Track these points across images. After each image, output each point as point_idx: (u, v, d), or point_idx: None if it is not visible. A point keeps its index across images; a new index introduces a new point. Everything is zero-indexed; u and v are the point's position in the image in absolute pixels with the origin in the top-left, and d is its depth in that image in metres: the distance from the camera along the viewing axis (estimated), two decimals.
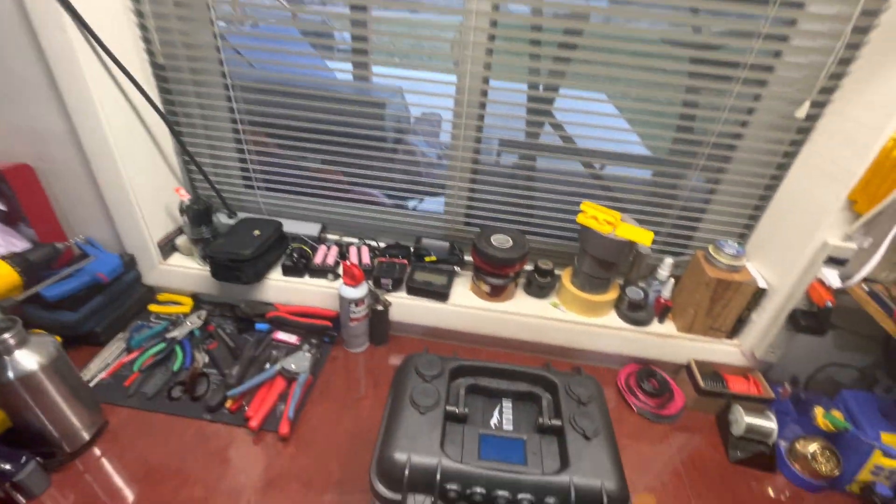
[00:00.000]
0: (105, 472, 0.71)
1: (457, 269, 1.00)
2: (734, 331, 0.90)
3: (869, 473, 0.74)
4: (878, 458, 0.72)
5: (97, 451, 0.74)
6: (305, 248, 1.00)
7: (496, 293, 0.95)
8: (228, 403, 0.81)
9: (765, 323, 0.84)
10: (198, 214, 0.94)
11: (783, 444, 0.81)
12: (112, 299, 0.92)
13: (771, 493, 0.77)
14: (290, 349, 0.93)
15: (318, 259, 0.99)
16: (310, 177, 1.04)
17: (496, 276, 0.92)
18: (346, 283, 0.87)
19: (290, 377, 0.84)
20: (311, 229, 1.05)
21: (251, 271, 0.92)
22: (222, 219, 1.06)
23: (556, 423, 0.51)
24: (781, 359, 0.87)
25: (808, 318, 0.77)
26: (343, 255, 1.01)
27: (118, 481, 0.70)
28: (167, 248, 1.00)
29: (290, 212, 1.09)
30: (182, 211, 0.92)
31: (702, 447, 0.83)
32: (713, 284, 0.83)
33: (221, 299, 1.01)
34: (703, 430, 0.86)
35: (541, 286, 0.97)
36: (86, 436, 0.73)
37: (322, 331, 0.95)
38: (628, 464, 0.77)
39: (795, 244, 0.78)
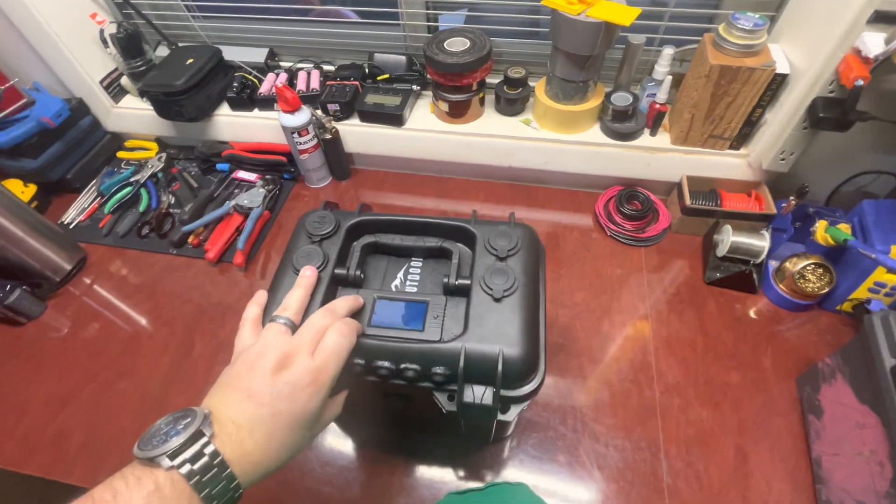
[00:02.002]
0: (95, 293, 0.79)
1: (415, 87, 0.87)
2: (741, 138, 0.74)
3: (867, 291, 0.64)
4: (880, 274, 0.61)
5: (86, 280, 0.81)
6: (250, 76, 0.90)
7: (457, 112, 0.83)
8: (191, 239, 0.83)
9: (780, 122, 0.67)
10: (125, 44, 0.85)
11: (773, 265, 0.71)
12: (72, 146, 0.92)
13: (743, 311, 0.70)
14: (250, 187, 0.91)
15: (264, 88, 0.90)
16: None
17: (454, 89, 0.79)
18: (282, 110, 0.79)
19: (245, 212, 0.84)
20: (257, 56, 0.94)
21: (191, 105, 0.85)
22: (161, 52, 0.96)
23: (465, 282, 0.42)
24: (796, 167, 0.72)
25: (830, 108, 0.59)
26: (292, 82, 0.91)
27: (110, 298, 0.78)
28: (114, 89, 0.95)
29: (236, 38, 0.96)
30: (104, 41, 0.84)
31: (676, 269, 0.76)
32: (715, 74, 0.65)
33: (183, 142, 0.98)
34: (684, 253, 0.78)
35: (510, 100, 0.82)
36: (67, 266, 0.80)
37: (278, 167, 0.91)
38: (587, 287, 0.74)
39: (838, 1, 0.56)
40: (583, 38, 0.67)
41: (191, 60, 0.86)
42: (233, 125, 0.92)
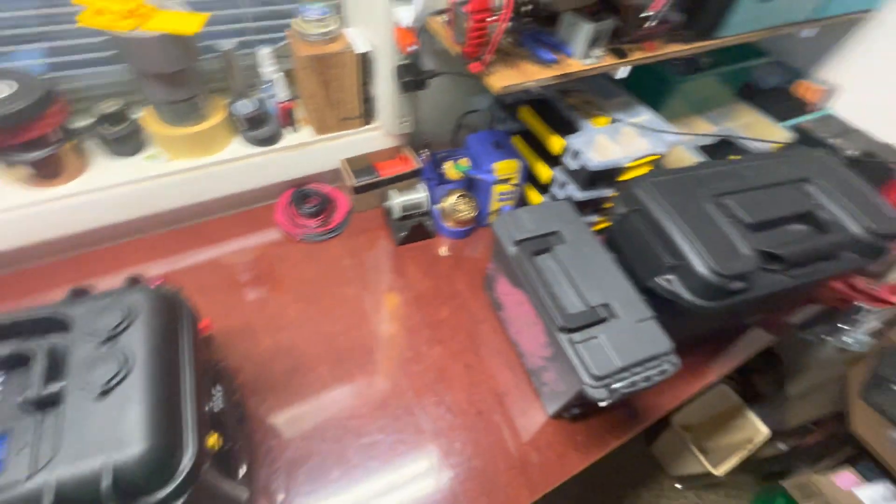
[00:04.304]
0: None
1: None
2: (367, 114, 0.82)
3: (498, 202, 0.82)
4: (500, 187, 0.79)
5: None
6: None
7: (49, 172, 0.65)
8: None
9: (385, 93, 0.77)
10: None
11: (436, 209, 0.84)
12: None
13: (433, 255, 0.81)
14: None
15: None
16: None
17: (25, 146, 0.61)
18: None
19: None
20: None
21: None
22: None
23: (56, 387, 0.33)
24: (421, 125, 0.84)
25: (407, 72, 0.70)
26: None
27: None
28: None
29: None
30: None
31: (372, 244, 0.81)
32: (311, 64, 0.69)
33: None
34: (373, 227, 0.83)
35: (120, 139, 0.69)
36: None
37: None
38: (298, 299, 0.71)
39: None
40: (159, 55, 0.60)
41: None
42: None
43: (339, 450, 0.58)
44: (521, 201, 0.86)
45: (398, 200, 0.79)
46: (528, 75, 0.61)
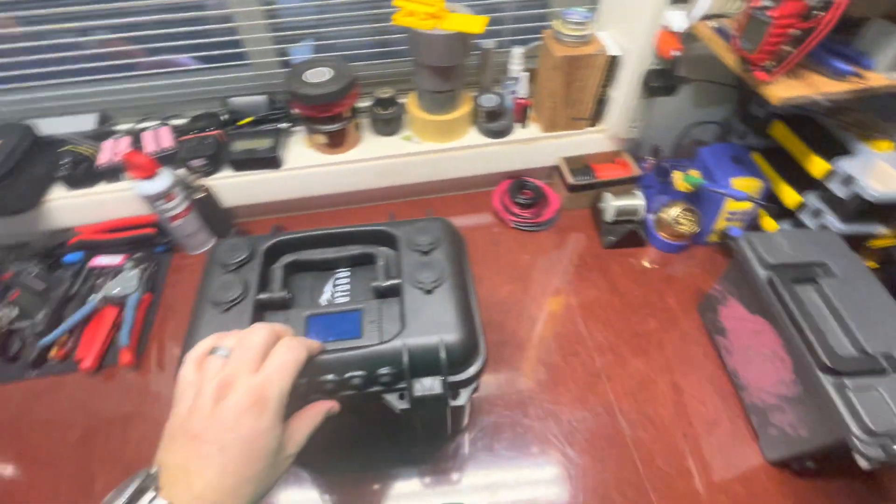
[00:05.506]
0: None
1: (282, 126, 0.82)
2: (596, 116, 0.83)
3: (725, 220, 0.76)
4: (730, 205, 0.73)
5: None
6: (81, 149, 0.77)
7: (336, 142, 0.80)
8: (53, 353, 0.68)
9: (624, 96, 0.77)
10: None
11: (651, 218, 0.81)
12: None
13: (640, 264, 0.79)
14: (118, 272, 0.78)
15: (103, 158, 0.77)
16: (73, 56, 0.76)
17: (328, 120, 0.77)
18: (137, 178, 0.69)
19: (120, 302, 0.71)
20: (85, 123, 0.81)
21: (12, 196, 0.70)
22: None
23: (395, 282, 0.44)
24: (645, 132, 0.83)
25: (658, 77, 0.69)
26: (138, 144, 0.80)
27: None
28: None
29: (51, 109, 0.82)
30: None
31: (578, 243, 0.83)
32: (564, 64, 0.72)
33: (10, 240, 0.81)
34: (580, 227, 0.85)
35: (385, 120, 0.82)
36: None
37: (149, 241, 0.80)
38: (508, 280, 0.77)
39: None
40: (443, 51, 0.69)
41: None
42: (75, 207, 0.78)
43: (540, 429, 0.61)
44: (752, 225, 0.78)
45: (614, 203, 0.79)
46: (815, 87, 0.55)
